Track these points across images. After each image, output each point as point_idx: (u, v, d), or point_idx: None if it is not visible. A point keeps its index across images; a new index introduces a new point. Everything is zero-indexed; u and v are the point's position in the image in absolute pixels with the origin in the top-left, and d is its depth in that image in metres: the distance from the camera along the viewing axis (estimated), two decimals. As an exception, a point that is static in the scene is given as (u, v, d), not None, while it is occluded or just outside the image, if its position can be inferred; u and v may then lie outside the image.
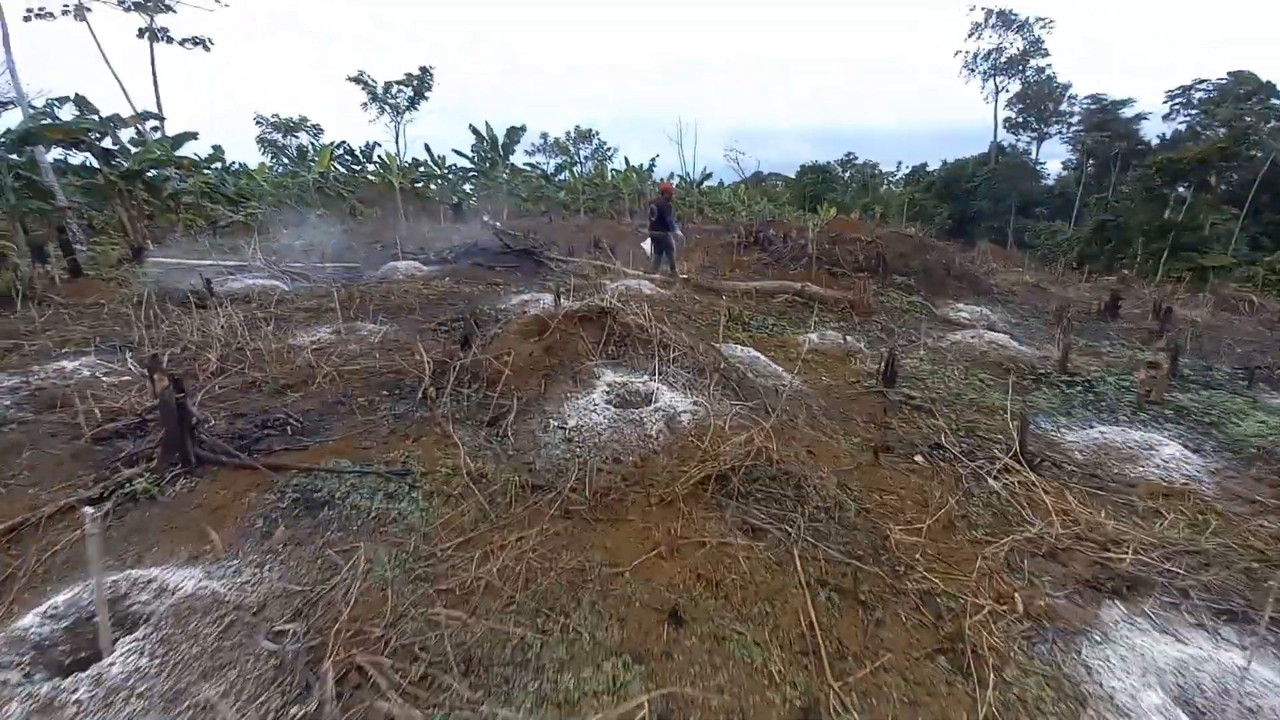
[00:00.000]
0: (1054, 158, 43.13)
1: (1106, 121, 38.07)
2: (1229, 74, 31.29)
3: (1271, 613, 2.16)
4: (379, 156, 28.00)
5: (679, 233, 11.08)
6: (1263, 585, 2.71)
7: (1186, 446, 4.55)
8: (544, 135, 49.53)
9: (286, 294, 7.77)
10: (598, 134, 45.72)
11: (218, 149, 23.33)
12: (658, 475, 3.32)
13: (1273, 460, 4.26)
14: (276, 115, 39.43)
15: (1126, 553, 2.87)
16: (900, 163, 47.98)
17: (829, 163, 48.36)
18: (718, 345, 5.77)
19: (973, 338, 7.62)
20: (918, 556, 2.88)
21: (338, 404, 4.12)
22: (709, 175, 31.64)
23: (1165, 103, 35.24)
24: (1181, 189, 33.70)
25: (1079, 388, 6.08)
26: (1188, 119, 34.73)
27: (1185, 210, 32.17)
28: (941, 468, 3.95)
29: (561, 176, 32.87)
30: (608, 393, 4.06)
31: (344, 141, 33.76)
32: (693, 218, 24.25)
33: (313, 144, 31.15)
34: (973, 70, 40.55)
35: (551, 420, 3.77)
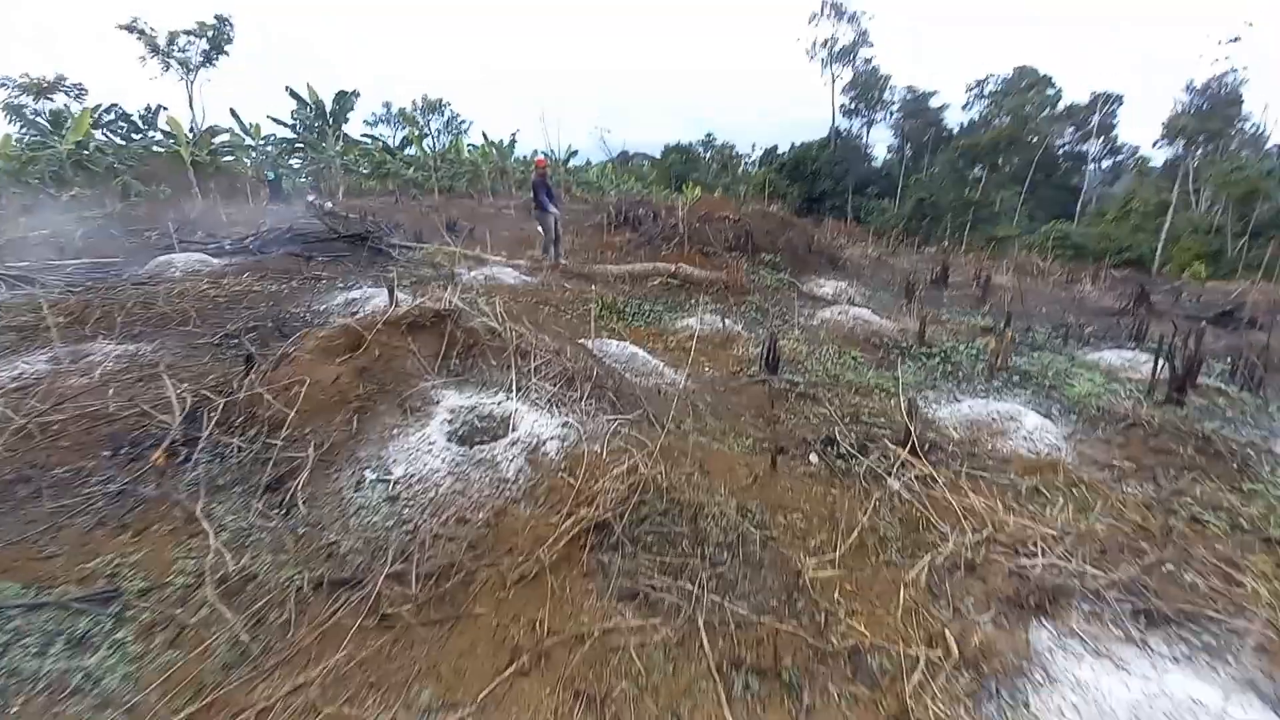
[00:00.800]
0: (881, 142, 48.00)
1: (919, 110, 43.21)
2: (1015, 69, 36.85)
3: (1239, 652, 1.94)
4: (166, 123, 22.79)
5: (554, 209, 10.10)
6: (1161, 571, 2.63)
7: (1038, 411, 4.75)
8: (386, 105, 44.43)
9: (-11, 305, 5.55)
10: (449, 105, 42.07)
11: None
12: (517, 536, 2.50)
13: (1112, 419, 4.57)
14: (26, 75, 30.45)
15: (1036, 554, 2.66)
16: (755, 144, 50.42)
17: (691, 143, 49.46)
18: (589, 344, 5.02)
19: (840, 314, 7.73)
20: (837, 598, 2.41)
21: (17, 483, 2.70)
22: (575, 153, 30.48)
23: (966, 93, 40.80)
24: (978, 170, 39.56)
25: (938, 359, 6.31)
26: (981, 109, 40.56)
27: (980, 189, 37.89)
28: (837, 467, 3.61)
29: (409, 151, 29.54)
30: (449, 423, 3.12)
31: (115, 105, 27.16)
32: (560, 197, 23.09)
33: (68, 109, 24.53)
34: (812, 56, 43.53)
35: (367, 472, 2.76)
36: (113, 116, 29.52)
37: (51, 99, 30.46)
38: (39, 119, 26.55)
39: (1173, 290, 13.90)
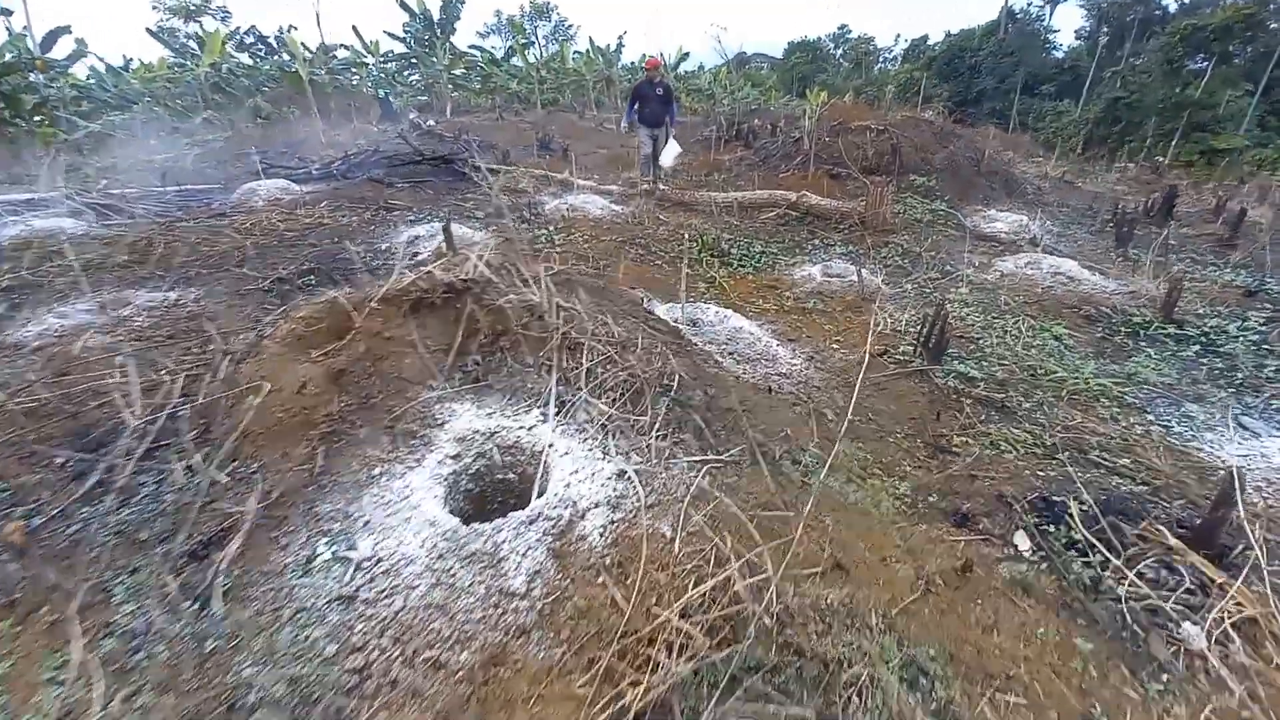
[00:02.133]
0: (1066, 28, 38.30)
1: (1130, -20, 33.37)
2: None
3: None
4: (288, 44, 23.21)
5: (629, 118, 8.61)
6: None
7: None
8: (498, 13, 42.85)
9: (71, 240, 5.41)
10: (556, 8, 39.52)
11: (81, 43, 18.80)
12: (515, 712, 1.48)
13: None
14: (176, -3, 32.66)
15: None
16: (899, 35, 42.68)
17: (819, 38, 42.88)
18: (680, 311, 3.76)
19: (1028, 266, 5.66)
20: None
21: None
22: (686, 56, 27.34)
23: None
24: (1196, 62, 30.08)
25: (1195, 346, 4.27)
26: (1214, -19, 30.34)
27: (1203, 86, 28.88)
28: (1072, 575, 2.17)
29: (514, 61, 28.14)
30: (454, 459, 2.12)
31: (252, 26, 28.37)
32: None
33: (202, 30, 25.83)
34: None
35: (322, 544, 1.86)
36: (252, 39, 30.98)
37: (199, 22, 32.52)
38: (189, 43, 28.46)
39: None
